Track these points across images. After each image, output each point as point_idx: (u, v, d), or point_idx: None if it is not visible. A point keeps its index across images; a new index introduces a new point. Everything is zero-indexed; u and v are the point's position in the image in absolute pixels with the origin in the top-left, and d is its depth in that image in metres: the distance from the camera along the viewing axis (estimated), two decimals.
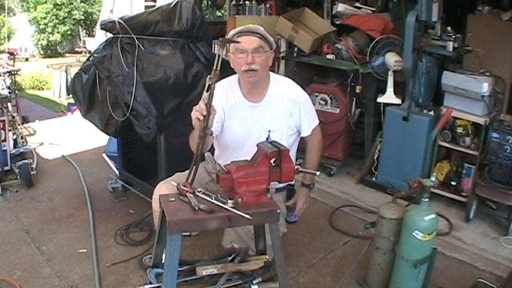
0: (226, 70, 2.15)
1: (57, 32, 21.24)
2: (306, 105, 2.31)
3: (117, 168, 3.68)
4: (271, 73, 2.30)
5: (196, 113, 1.73)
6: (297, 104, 2.27)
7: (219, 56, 1.65)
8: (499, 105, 3.24)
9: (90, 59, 3.05)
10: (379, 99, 3.55)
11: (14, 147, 3.99)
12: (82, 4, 21.67)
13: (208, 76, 1.66)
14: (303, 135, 2.36)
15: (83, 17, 21.44)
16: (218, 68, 1.66)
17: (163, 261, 1.93)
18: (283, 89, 2.27)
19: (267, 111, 2.24)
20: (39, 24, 21.13)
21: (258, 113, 2.24)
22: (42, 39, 21.26)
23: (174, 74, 2.76)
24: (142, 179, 3.30)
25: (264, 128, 2.19)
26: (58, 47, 22.00)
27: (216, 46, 1.68)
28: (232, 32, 2.16)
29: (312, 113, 2.37)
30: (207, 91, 1.69)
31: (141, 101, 2.74)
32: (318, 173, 2.17)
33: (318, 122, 2.40)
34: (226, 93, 2.24)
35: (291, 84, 2.34)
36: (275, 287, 1.89)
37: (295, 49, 3.92)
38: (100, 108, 2.99)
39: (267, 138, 1.89)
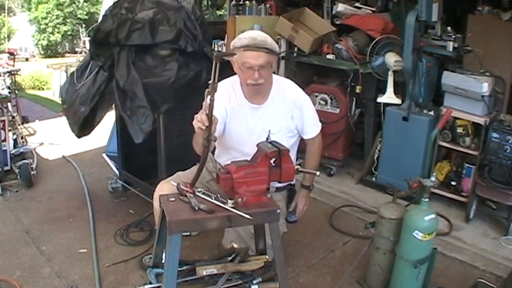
0: (227, 71, 2.14)
1: (58, 32, 21.23)
2: (307, 108, 2.31)
3: (117, 168, 3.68)
4: (273, 75, 2.28)
5: (198, 123, 1.72)
6: (298, 107, 2.27)
7: (215, 70, 1.63)
8: (499, 105, 3.23)
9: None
10: (379, 99, 3.55)
11: (14, 147, 4.00)
12: (85, 4, 21.66)
13: (207, 90, 1.65)
14: (305, 137, 2.36)
15: (86, 17, 21.42)
16: (216, 81, 1.64)
17: (163, 261, 1.93)
18: (285, 91, 2.27)
19: (269, 113, 2.24)
20: (40, 24, 21.12)
21: (260, 115, 2.24)
22: (43, 39, 21.25)
23: (174, 74, 2.75)
24: (142, 179, 3.30)
25: (265, 130, 2.18)
26: (58, 47, 21.99)
27: (213, 60, 1.65)
28: (238, 44, 2.08)
29: (314, 116, 2.37)
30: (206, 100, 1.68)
31: (139, 102, 2.73)
32: (318, 173, 2.17)
33: (320, 126, 2.40)
34: (228, 94, 2.23)
35: (292, 87, 2.33)
36: (275, 287, 1.89)
37: (295, 49, 3.91)
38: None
39: (267, 138, 1.89)
